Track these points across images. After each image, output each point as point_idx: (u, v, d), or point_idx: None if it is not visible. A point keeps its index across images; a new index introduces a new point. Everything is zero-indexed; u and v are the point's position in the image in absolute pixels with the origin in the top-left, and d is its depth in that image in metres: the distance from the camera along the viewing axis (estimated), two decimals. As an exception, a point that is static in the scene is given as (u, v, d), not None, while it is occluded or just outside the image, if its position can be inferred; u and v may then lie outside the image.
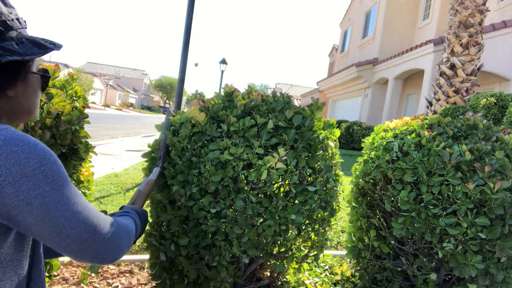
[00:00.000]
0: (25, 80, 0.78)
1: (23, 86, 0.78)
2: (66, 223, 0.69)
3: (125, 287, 2.16)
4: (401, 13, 13.71)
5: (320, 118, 1.80)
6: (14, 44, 0.72)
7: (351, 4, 18.59)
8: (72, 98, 1.90)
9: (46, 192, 0.67)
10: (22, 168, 0.65)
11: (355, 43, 17.21)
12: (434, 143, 1.76)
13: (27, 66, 0.78)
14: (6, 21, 0.72)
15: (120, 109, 43.03)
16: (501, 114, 5.41)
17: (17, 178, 0.64)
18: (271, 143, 1.61)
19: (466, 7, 7.45)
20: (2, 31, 0.71)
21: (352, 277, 2.38)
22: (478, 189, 1.60)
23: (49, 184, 0.68)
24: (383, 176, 1.97)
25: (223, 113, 1.66)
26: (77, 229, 0.71)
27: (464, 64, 7.49)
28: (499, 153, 1.68)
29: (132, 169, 6.31)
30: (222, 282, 1.71)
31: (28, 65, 0.78)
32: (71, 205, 0.71)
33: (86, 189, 2.09)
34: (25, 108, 0.81)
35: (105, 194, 4.40)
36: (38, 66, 0.85)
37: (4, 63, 0.70)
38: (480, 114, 2.00)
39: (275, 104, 1.72)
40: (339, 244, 3.37)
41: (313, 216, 1.74)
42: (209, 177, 1.57)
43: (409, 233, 1.76)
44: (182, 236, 1.64)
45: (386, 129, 2.13)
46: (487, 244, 1.64)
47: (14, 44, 0.72)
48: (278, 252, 1.86)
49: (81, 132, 1.84)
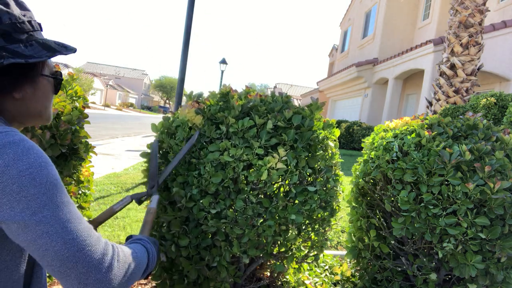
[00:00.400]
0: (34, 83, 0.77)
1: (32, 88, 0.77)
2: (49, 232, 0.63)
3: (125, 287, 2.16)
4: (401, 13, 13.71)
5: (319, 118, 1.80)
6: (21, 46, 0.72)
7: (351, 4, 18.59)
8: (72, 98, 1.90)
9: (31, 196, 0.62)
10: (9, 170, 0.62)
11: (355, 43, 17.21)
12: (434, 143, 1.76)
13: (37, 68, 0.77)
14: (16, 24, 0.72)
15: (120, 109, 43.03)
16: (501, 114, 5.41)
17: (3, 179, 0.61)
18: (271, 143, 1.61)
19: (466, 7, 7.44)
20: (10, 33, 0.71)
21: (352, 277, 2.38)
22: (478, 189, 1.60)
23: (36, 187, 0.63)
24: (383, 176, 1.97)
25: (221, 115, 1.66)
26: (60, 242, 0.63)
27: (464, 64, 7.49)
28: (499, 153, 1.68)
29: (132, 169, 6.31)
30: (222, 282, 1.71)
31: (37, 68, 0.77)
32: (58, 212, 0.64)
33: (86, 189, 2.09)
34: (34, 110, 0.79)
35: (105, 194, 4.40)
36: (52, 68, 0.83)
37: (9, 64, 0.69)
38: (480, 114, 2.00)
39: (274, 104, 1.72)
40: (339, 244, 3.37)
41: (313, 216, 1.74)
42: (209, 178, 1.56)
43: (409, 233, 1.76)
44: (182, 237, 1.64)
45: (386, 129, 2.13)
46: (487, 244, 1.64)
47: (22, 46, 0.72)
48: (278, 252, 1.86)
49: (81, 132, 1.84)
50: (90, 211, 2.13)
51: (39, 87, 0.79)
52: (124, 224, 3.29)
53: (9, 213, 0.62)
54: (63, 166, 1.79)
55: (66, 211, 0.66)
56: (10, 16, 0.71)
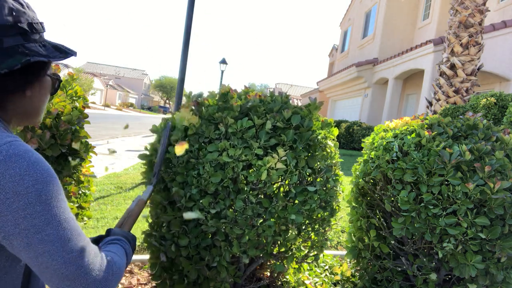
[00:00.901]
0: (41, 82, 0.80)
1: (39, 87, 0.80)
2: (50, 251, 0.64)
3: (125, 287, 2.16)
4: (401, 13, 13.70)
5: (318, 118, 1.80)
6: (38, 46, 0.74)
7: (351, 4, 18.59)
8: (72, 98, 1.90)
9: (36, 213, 0.63)
10: (15, 186, 0.62)
11: (355, 43, 17.20)
12: (434, 143, 1.76)
13: (46, 68, 0.80)
14: (32, 24, 0.74)
15: (120, 109, 43.02)
16: (501, 114, 5.41)
17: (9, 196, 0.62)
18: (270, 143, 1.61)
19: (466, 7, 7.44)
20: (28, 32, 0.73)
21: (352, 277, 2.38)
22: (478, 189, 1.60)
23: (41, 204, 0.64)
24: (383, 176, 1.97)
25: (219, 115, 1.65)
26: (60, 261, 0.65)
27: (464, 64, 7.49)
28: (499, 153, 1.68)
29: (132, 169, 6.31)
30: (222, 282, 1.71)
31: (46, 67, 0.80)
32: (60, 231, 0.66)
33: (86, 189, 2.09)
34: (35, 109, 0.81)
35: (105, 194, 4.40)
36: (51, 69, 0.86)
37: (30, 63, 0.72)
38: (480, 114, 2.00)
39: (272, 104, 1.71)
40: (339, 244, 3.37)
41: (313, 216, 1.74)
42: (209, 178, 1.56)
43: (409, 233, 1.76)
44: (182, 237, 1.64)
45: (386, 129, 2.13)
46: (487, 244, 1.64)
47: (38, 46, 0.74)
48: (278, 252, 1.86)
49: (81, 132, 1.84)
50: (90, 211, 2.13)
51: (44, 86, 0.81)
52: (124, 224, 3.29)
53: (13, 230, 0.63)
54: (63, 166, 1.79)
55: (68, 228, 0.67)
56: (27, 17, 0.73)
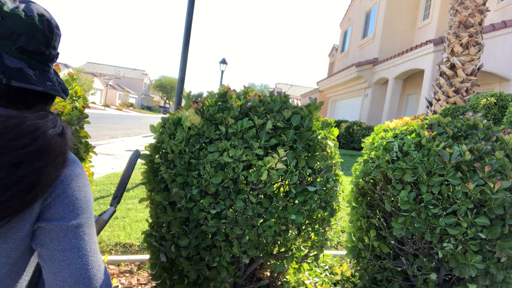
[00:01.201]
0: None
1: None
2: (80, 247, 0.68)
3: (125, 287, 2.16)
4: (401, 13, 13.71)
5: (318, 118, 1.80)
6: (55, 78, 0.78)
7: (351, 4, 18.58)
8: (72, 98, 1.90)
9: (83, 210, 0.70)
10: (77, 193, 0.70)
11: (355, 43, 17.20)
12: (434, 143, 1.76)
13: None
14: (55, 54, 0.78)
15: (120, 109, 43.02)
16: (501, 114, 5.41)
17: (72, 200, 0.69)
18: (270, 144, 1.61)
19: (466, 7, 7.44)
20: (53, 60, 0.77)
21: (352, 277, 2.38)
22: (478, 189, 1.60)
23: (88, 212, 0.71)
24: (383, 176, 1.97)
25: (219, 116, 1.65)
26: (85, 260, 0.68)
27: (464, 64, 7.49)
28: (499, 153, 1.68)
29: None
30: (222, 282, 1.71)
31: None
32: (91, 234, 0.71)
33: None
34: None
35: (105, 194, 4.40)
36: None
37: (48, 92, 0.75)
38: (480, 114, 2.00)
39: (272, 104, 1.72)
40: (339, 244, 3.37)
41: (313, 216, 1.74)
42: (209, 178, 1.56)
43: (409, 233, 1.76)
44: (182, 237, 1.64)
45: (386, 129, 2.13)
46: (487, 244, 1.64)
47: (55, 77, 0.78)
48: (278, 252, 1.86)
49: (81, 132, 1.84)
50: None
51: None
52: (124, 224, 3.29)
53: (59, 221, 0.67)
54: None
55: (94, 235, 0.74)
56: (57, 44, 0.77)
